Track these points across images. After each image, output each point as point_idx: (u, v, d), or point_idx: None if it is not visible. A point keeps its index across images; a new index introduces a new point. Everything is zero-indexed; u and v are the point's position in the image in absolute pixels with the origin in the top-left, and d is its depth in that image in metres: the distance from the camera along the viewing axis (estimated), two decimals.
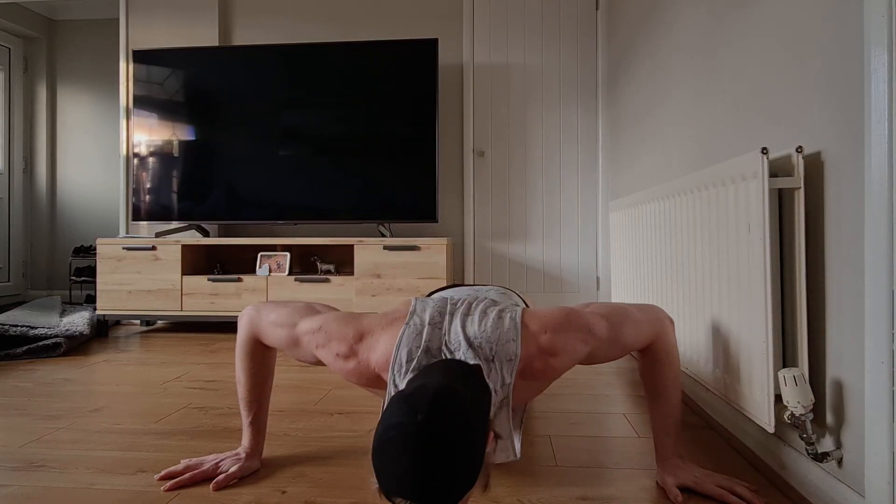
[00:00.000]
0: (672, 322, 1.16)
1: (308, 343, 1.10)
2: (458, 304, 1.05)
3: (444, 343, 0.98)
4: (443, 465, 0.75)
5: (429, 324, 1.00)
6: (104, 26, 4.25)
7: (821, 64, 1.00)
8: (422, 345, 0.97)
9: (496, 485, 1.13)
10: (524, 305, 1.43)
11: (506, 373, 1.00)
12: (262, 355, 1.23)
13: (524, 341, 1.02)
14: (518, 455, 1.06)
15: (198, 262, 3.07)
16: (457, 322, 1.01)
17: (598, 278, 3.20)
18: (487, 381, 0.96)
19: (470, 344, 0.97)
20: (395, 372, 0.97)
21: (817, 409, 1.02)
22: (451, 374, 0.85)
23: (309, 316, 1.13)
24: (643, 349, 1.15)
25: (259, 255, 2.94)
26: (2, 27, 4.05)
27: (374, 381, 1.05)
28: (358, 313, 1.12)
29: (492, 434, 0.86)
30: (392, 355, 0.98)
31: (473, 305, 1.06)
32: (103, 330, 2.92)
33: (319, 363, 1.13)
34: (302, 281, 2.82)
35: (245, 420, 1.23)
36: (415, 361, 0.96)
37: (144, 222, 3.13)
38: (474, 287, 1.45)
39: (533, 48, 3.22)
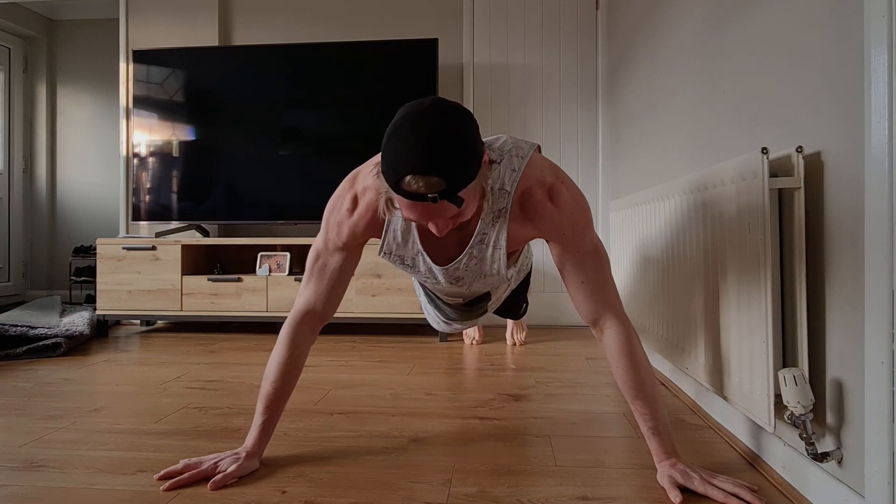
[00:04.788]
0: (636, 334, 1.19)
1: (329, 241, 1.19)
2: None
3: None
4: (447, 136, 0.85)
5: None
6: (104, 26, 4.25)
7: (821, 64, 1.00)
8: None
9: (495, 484, 1.13)
10: None
11: (507, 180, 1.07)
12: (302, 339, 1.23)
13: (531, 165, 1.08)
14: (510, 276, 1.19)
15: (198, 262, 3.07)
16: None
17: None
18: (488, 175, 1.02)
19: None
20: None
21: (817, 409, 1.02)
22: None
23: (315, 241, 1.23)
24: (606, 339, 1.16)
25: (259, 255, 2.94)
26: (2, 27, 4.05)
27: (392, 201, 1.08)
28: None
29: (487, 155, 0.95)
30: None
31: None
32: (103, 330, 2.92)
33: (354, 250, 1.20)
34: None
35: (258, 419, 1.21)
36: None
37: (144, 222, 3.12)
38: None
39: (533, 48, 3.22)
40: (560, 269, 1.18)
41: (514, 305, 2.17)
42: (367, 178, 1.13)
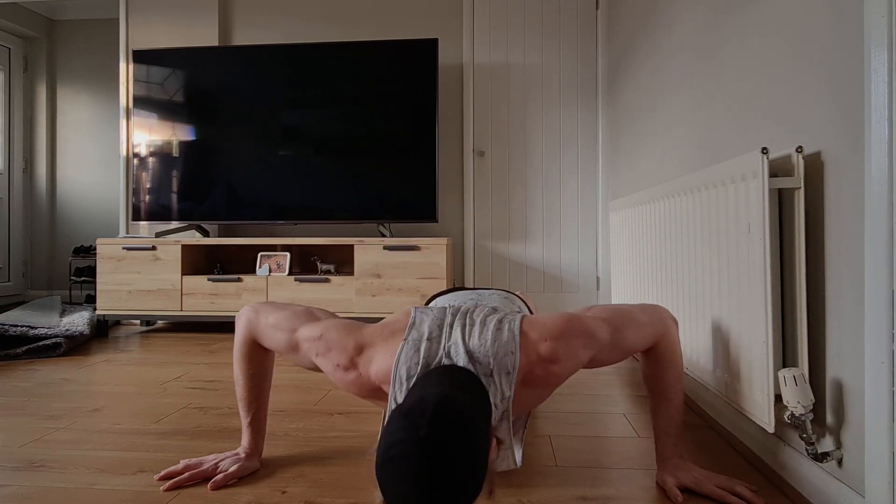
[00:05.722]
0: (676, 322, 1.15)
1: (308, 350, 1.10)
2: (458, 315, 1.05)
3: (442, 356, 0.98)
4: (447, 480, 0.75)
5: (427, 339, 1.00)
6: (104, 26, 4.25)
7: (821, 64, 1.00)
8: (420, 361, 0.97)
9: (495, 485, 1.13)
10: (527, 311, 1.42)
11: (505, 386, 0.99)
12: (260, 357, 1.22)
13: (524, 350, 1.01)
14: (518, 464, 1.05)
15: (198, 262, 3.07)
16: (457, 333, 1.01)
17: (598, 278, 3.21)
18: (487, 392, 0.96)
19: (471, 357, 0.97)
20: (396, 388, 0.97)
21: (817, 409, 1.02)
22: (450, 381, 0.85)
23: (309, 322, 1.12)
24: (646, 350, 1.15)
25: (259, 255, 2.94)
26: (2, 27, 4.05)
27: (375, 393, 1.05)
28: (358, 323, 1.11)
29: (494, 440, 0.86)
30: (391, 371, 0.98)
31: (474, 314, 1.05)
32: (103, 330, 2.92)
33: (317, 369, 1.13)
34: (302, 281, 2.82)
35: (244, 420, 1.23)
36: (414, 378, 0.96)
37: (144, 222, 3.13)
38: (476, 291, 1.45)
39: (533, 48, 3.22)
40: (595, 367, 1.17)
41: None
42: (370, 361, 1.04)
